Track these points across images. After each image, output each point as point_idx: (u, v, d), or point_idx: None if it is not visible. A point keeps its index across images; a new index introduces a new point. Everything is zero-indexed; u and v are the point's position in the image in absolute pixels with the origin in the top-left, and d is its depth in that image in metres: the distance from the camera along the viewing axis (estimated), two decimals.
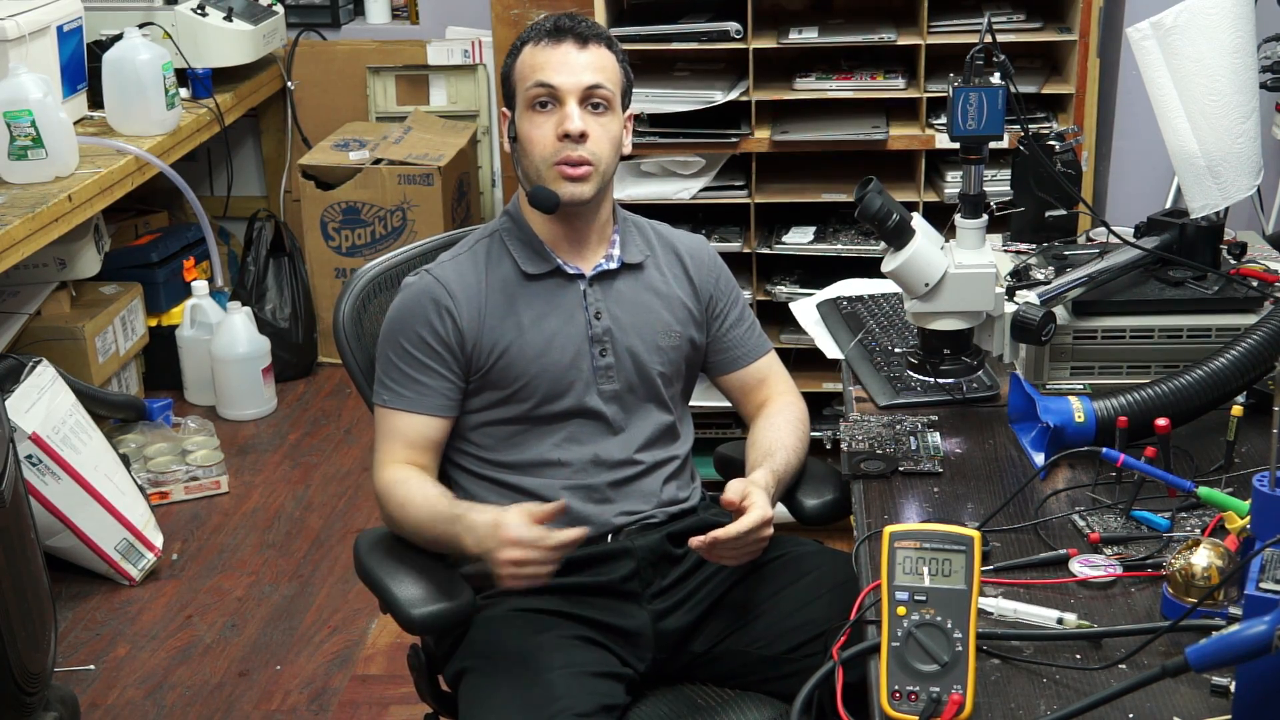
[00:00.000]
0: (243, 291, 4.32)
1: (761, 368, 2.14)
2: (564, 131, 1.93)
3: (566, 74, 1.94)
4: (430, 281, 1.99)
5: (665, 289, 2.07)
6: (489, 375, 1.98)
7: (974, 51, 1.97)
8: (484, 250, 2.03)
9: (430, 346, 1.97)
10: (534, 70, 1.95)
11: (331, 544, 3.46)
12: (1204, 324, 2.05)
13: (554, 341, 1.98)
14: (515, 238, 2.03)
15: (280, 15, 4.47)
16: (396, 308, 2.02)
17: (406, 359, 1.98)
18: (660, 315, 2.05)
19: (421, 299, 1.98)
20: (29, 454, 3.05)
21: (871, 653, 1.45)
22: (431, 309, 1.97)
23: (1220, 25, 2.07)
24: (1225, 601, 1.47)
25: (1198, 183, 2.11)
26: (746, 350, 2.13)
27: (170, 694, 2.92)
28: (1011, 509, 1.75)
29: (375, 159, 4.26)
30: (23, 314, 3.74)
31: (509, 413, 1.99)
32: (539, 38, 1.98)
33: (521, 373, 1.97)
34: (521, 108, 1.97)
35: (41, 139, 3.29)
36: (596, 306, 2.01)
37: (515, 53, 2.00)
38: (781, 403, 2.11)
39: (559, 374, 1.98)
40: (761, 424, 2.09)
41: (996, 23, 2.62)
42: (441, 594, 1.88)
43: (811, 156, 3.35)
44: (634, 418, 2.03)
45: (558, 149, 1.94)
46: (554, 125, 1.94)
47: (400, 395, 1.98)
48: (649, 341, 2.04)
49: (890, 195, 2.01)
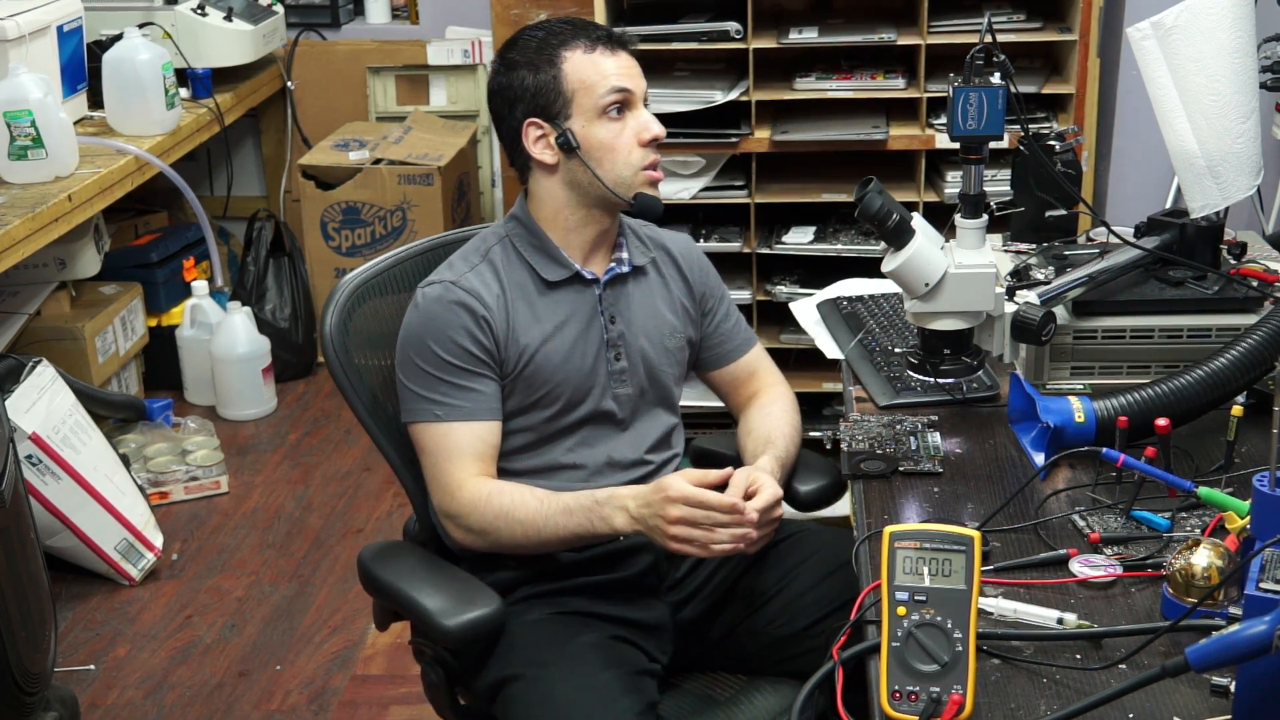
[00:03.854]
0: (243, 291, 4.32)
1: (751, 360, 2.16)
2: (653, 136, 1.95)
3: (635, 80, 1.95)
4: (460, 293, 1.94)
5: (666, 291, 2.08)
6: (516, 384, 1.96)
7: (974, 51, 1.97)
8: (500, 258, 1.99)
9: (473, 355, 1.93)
10: (605, 77, 1.92)
11: (331, 544, 3.46)
12: (1204, 324, 2.05)
13: (576, 348, 1.98)
14: (529, 244, 2.00)
15: (280, 15, 4.47)
16: (424, 321, 1.95)
17: (448, 369, 1.93)
18: (666, 318, 2.06)
19: (455, 309, 1.94)
20: (29, 454, 3.05)
21: (871, 653, 1.45)
22: (468, 318, 1.93)
23: (1220, 25, 2.07)
24: (1225, 601, 1.47)
25: (1198, 183, 2.11)
26: (737, 344, 2.15)
27: (170, 694, 2.92)
28: (1011, 509, 1.75)
29: (375, 159, 4.25)
30: (23, 314, 3.74)
31: (530, 420, 1.98)
32: (590, 45, 1.93)
33: (547, 379, 1.96)
34: (590, 115, 1.92)
35: (41, 139, 3.29)
36: (611, 311, 2.01)
37: (552, 62, 1.92)
38: (773, 393, 2.13)
39: (581, 380, 1.98)
40: (755, 413, 2.11)
41: (996, 23, 2.62)
42: (471, 601, 1.85)
43: (811, 156, 3.35)
44: (643, 420, 2.05)
45: (644, 154, 1.95)
46: (633, 131, 1.94)
47: (455, 406, 1.93)
48: (658, 344, 2.05)
49: (890, 195, 2.01)
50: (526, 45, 1.96)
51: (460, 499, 1.92)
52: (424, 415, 1.94)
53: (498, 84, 1.98)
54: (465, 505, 1.91)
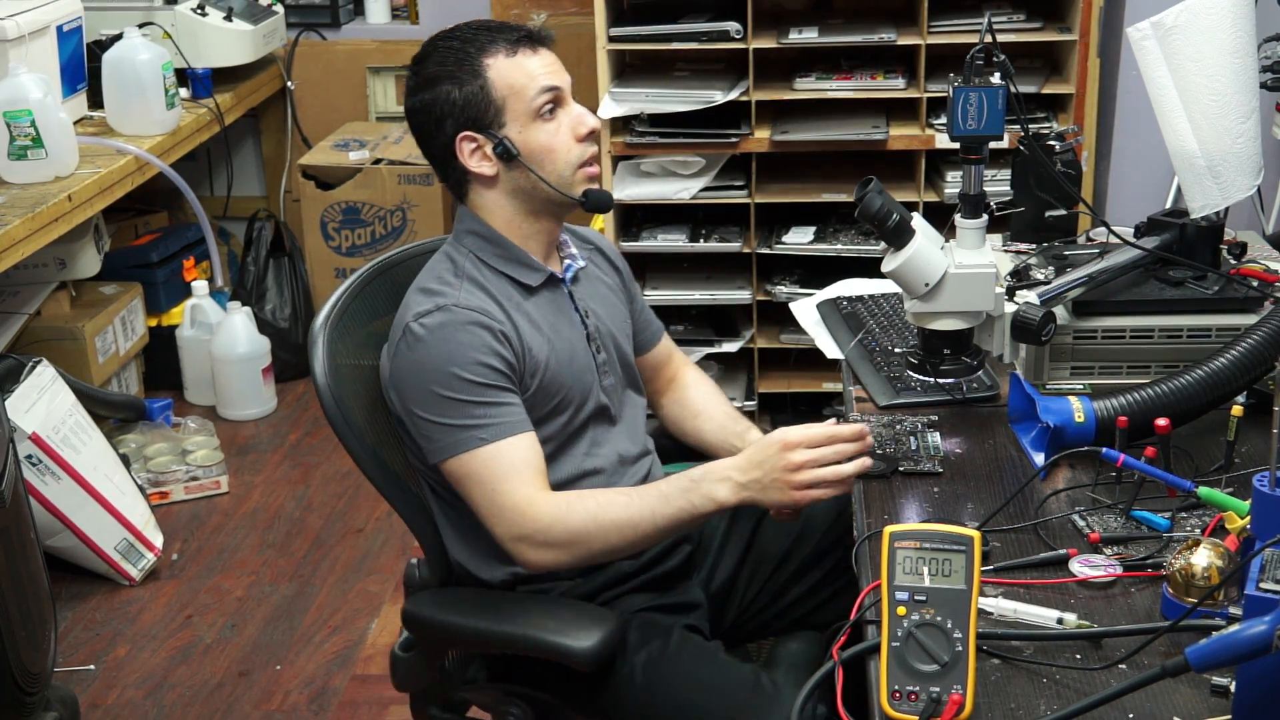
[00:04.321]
0: (243, 291, 4.32)
1: (667, 344, 2.21)
2: (590, 129, 1.92)
3: (562, 76, 1.93)
4: (469, 313, 1.86)
5: (605, 281, 2.10)
6: (535, 395, 1.91)
7: (974, 51, 1.97)
8: (476, 275, 1.92)
9: (499, 371, 1.85)
10: (533, 78, 1.88)
11: (331, 544, 3.46)
12: (1204, 324, 2.05)
13: (573, 348, 1.97)
14: (497, 256, 1.94)
15: (280, 15, 4.47)
16: (439, 350, 1.84)
17: (480, 390, 1.84)
18: (617, 306, 2.09)
19: (472, 330, 1.85)
20: (29, 454, 3.05)
21: (871, 653, 1.45)
22: (488, 336, 1.85)
23: (1220, 25, 2.07)
24: (1225, 601, 1.47)
25: (1198, 183, 2.11)
26: (655, 329, 2.19)
27: (170, 694, 2.92)
28: (1011, 509, 1.75)
29: (375, 159, 4.26)
30: (23, 314, 3.74)
31: (548, 430, 1.94)
32: (510, 48, 1.88)
33: (560, 386, 1.94)
34: (525, 120, 1.88)
35: (41, 139, 3.29)
36: (583, 305, 2.01)
37: (476, 72, 1.87)
38: (695, 374, 2.21)
39: (582, 380, 1.97)
40: (691, 394, 2.17)
41: (996, 23, 2.62)
42: (588, 619, 1.81)
43: (811, 156, 3.35)
44: (626, 408, 2.06)
45: (583, 149, 1.92)
46: (568, 128, 1.91)
47: (497, 424, 1.83)
48: (621, 330, 2.07)
49: (890, 195, 2.01)
50: (444, 58, 1.89)
51: (536, 516, 1.82)
52: (466, 444, 1.83)
53: (419, 102, 1.90)
54: (544, 520, 1.82)
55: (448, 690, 2.03)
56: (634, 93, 3.23)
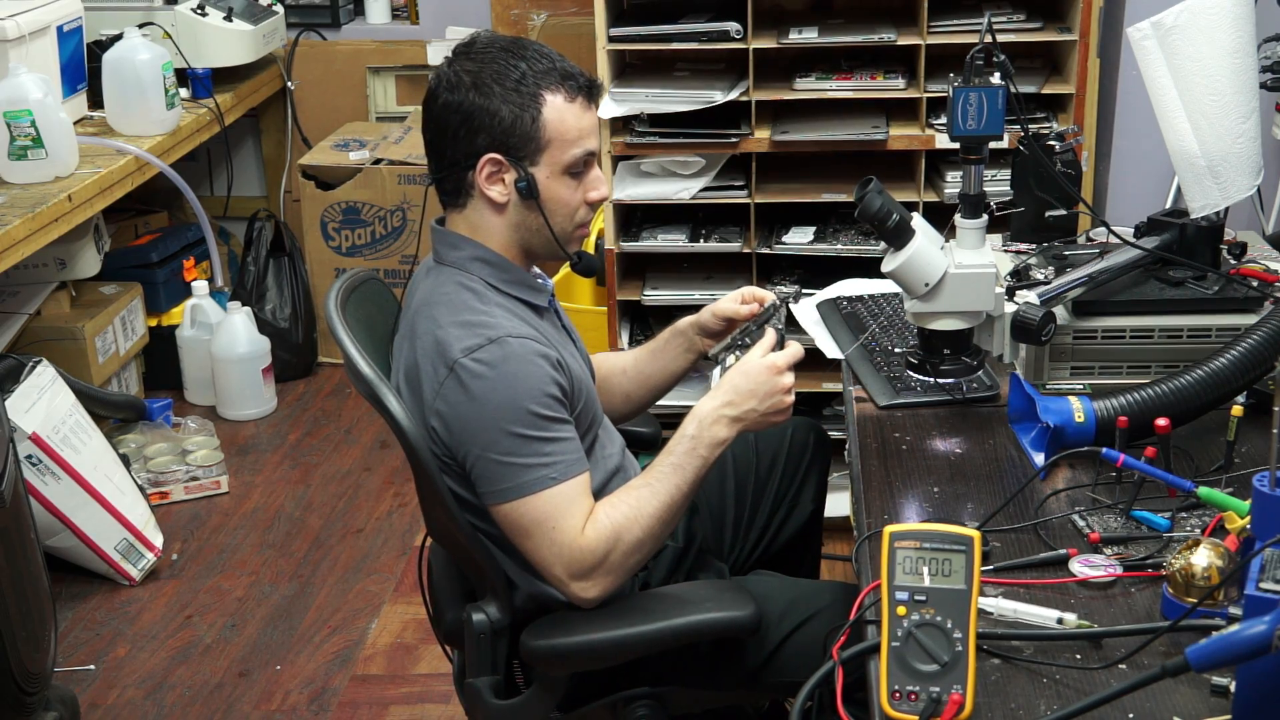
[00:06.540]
0: (243, 291, 4.32)
1: None
2: (601, 197, 1.91)
3: (597, 140, 1.92)
4: (527, 343, 1.81)
5: None
6: (578, 419, 1.90)
7: (974, 51, 1.97)
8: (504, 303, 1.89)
9: (562, 402, 1.83)
10: (582, 136, 1.86)
11: (331, 544, 3.46)
12: (1204, 324, 2.05)
13: (580, 361, 2.01)
14: (506, 280, 1.91)
15: (280, 15, 4.47)
16: (507, 385, 1.78)
17: (550, 425, 1.80)
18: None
19: (536, 361, 1.81)
20: (29, 454, 3.05)
21: (871, 653, 1.45)
22: (549, 366, 1.82)
23: (1220, 25, 2.07)
24: (1225, 601, 1.47)
25: (1198, 183, 2.11)
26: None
27: (170, 694, 2.92)
28: (1011, 509, 1.75)
29: (375, 159, 4.26)
30: (23, 314, 3.74)
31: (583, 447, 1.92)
32: (571, 94, 1.85)
33: (590, 402, 1.95)
34: (556, 169, 1.85)
35: (41, 139, 3.29)
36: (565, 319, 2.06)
37: (534, 101, 1.82)
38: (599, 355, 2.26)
39: (592, 390, 2.00)
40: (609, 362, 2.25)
41: (996, 23, 2.61)
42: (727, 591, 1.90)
43: (811, 156, 3.35)
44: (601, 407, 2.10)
45: (586, 213, 1.92)
46: (584, 190, 1.90)
47: (564, 461, 1.80)
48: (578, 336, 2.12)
49: (890, 195, 2.01)
50: (504, 72, 1.83)
51: (587, 547, 1.79)
52: (537, 485, 1.78)
53: (462, 101, 1.83)
54: (598, 548, 1.79)
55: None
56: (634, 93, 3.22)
